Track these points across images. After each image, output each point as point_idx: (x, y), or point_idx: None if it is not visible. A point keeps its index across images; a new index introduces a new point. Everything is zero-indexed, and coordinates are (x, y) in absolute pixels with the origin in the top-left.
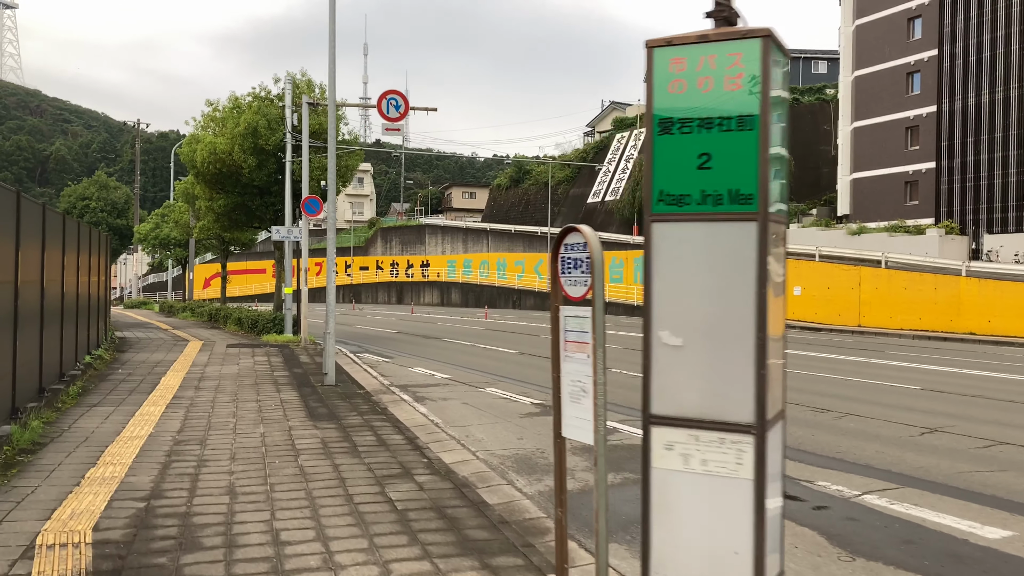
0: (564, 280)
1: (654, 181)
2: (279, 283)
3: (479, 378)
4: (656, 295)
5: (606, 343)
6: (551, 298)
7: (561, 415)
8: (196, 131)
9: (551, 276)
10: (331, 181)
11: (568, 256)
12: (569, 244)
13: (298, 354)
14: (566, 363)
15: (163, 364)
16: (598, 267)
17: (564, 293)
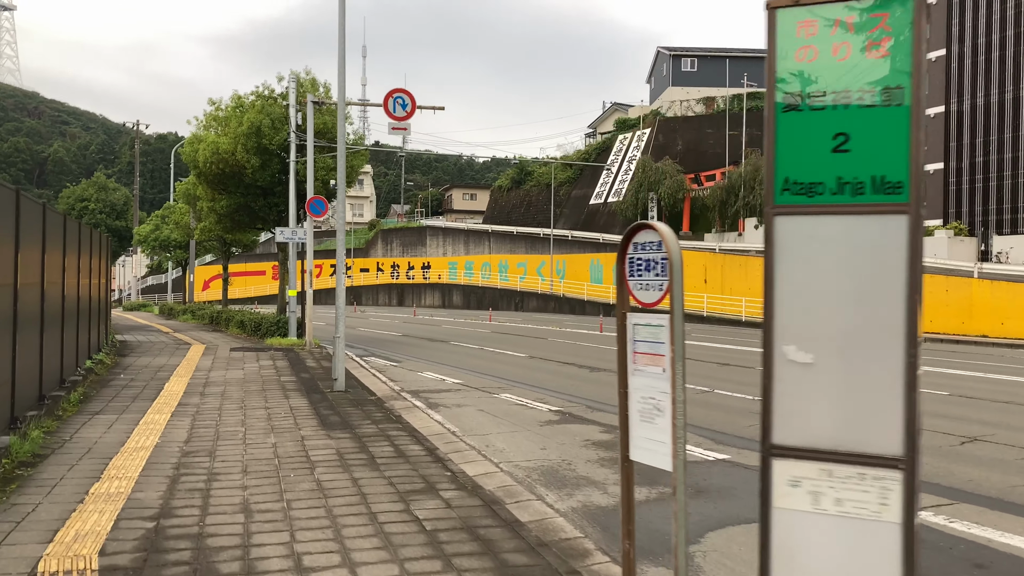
0: (633, 284)
1: (777, 167)
2: (283, 285)
3: (491, 383)
4: (779, 303)
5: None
6: (617, 304)
7: (628, 436)
8: (198, 131)
9: (617, 279)
10: (340, 180)
11: (639, 257)
12: (640, 243)
13: (304, 358)
14: (635, 377)
15: (166, 369)
16: (677, 268)
17: (633, 298)
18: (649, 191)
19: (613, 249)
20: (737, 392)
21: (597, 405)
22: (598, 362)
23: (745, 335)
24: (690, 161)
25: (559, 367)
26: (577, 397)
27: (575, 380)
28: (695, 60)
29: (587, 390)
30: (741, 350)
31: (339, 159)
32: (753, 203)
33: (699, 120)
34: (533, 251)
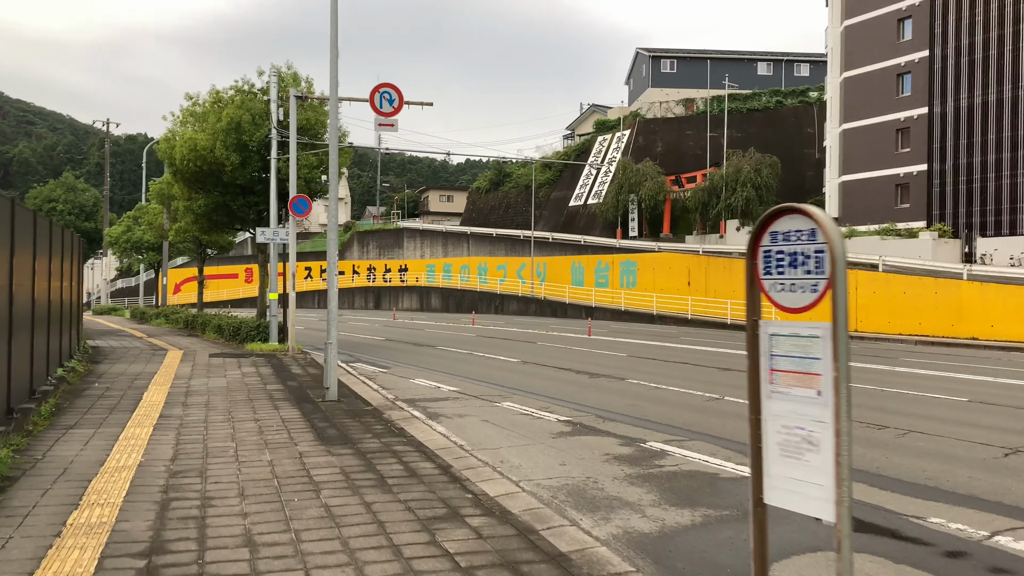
0: (771, 284)
1: None
2: (263, 288)
3: (489, 390)
4: None
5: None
6: (747, 310)
7: (763, 473)
8: (174, 127)
9: (747, 278)
10: (333, 176)
11: (780, 250)
12: (781, 233)
13: (288, 364)
14: (774, 401)
15: (143, 377)
16: (840, 264)
17: (771, 302)
18: (630, 193)
19: (595, 251)
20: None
21: (607, 414)
22: (595, 367)
23: (735, 338)
24: (670, 162)
25: (556, 373)
26: (583, 406)
27: (576, 387)
28: (674, 61)
29: (591, 398)
30: (738, 354)
31: (331, 153)
32: (735, 205)
33: (679, 121)
34: (513, 253)
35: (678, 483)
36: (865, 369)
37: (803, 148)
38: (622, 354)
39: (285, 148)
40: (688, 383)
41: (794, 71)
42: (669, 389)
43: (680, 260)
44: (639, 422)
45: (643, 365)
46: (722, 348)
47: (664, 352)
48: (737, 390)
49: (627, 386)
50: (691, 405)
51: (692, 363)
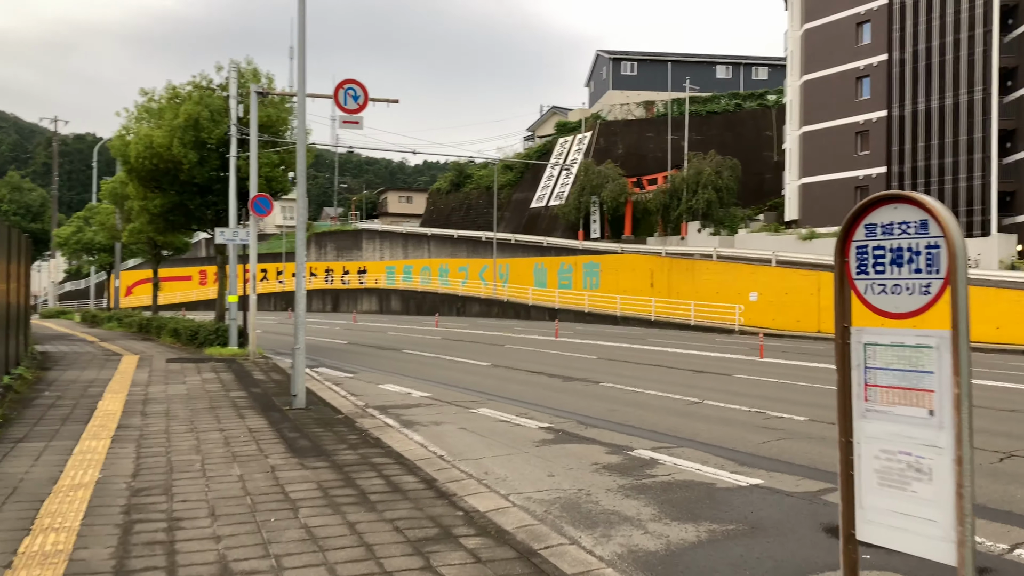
0: (867, 284)
1: None
2: (222, 290)
3: (462, 396)
4: None
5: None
6: (836, 315)
7: (855, 504)
8: (129, 123)
9: (836, 278)
10: (301, 174)
11: (880, 245)
12: (879, 225)
13: (250, 370)
14: (871, 421)
15: (97, 384)
16: (961, 259)
17: (867, 306)
18: (592, 194)
19: (557, 253)
20: (731, 403)
21: (588, 420)
22: (568, 370)
23: (701, 339)
24: (631, 164)
25: (529, 376)
26: (562, 411)
27: (552, 392)
28: (635, 63)
29: (569, 402)
30: (710, 356)
31: (299, 149)
32: (696, 207)
33: (639, 124)
34: (475, 255)
35: (675, 494)
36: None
37: (762, 151)
38: (592, 356)
39: (245, 146)
40: (665, 386)
41: (752, 74)
42: (647, 393)
43: (643, 262)
44: (622, 428)
45: (616, 368)
46: (691, 350)
47: (634, 354)
48: (717, 393)
49: (603, 390)
50: (672, 409)
51: (665, 365)
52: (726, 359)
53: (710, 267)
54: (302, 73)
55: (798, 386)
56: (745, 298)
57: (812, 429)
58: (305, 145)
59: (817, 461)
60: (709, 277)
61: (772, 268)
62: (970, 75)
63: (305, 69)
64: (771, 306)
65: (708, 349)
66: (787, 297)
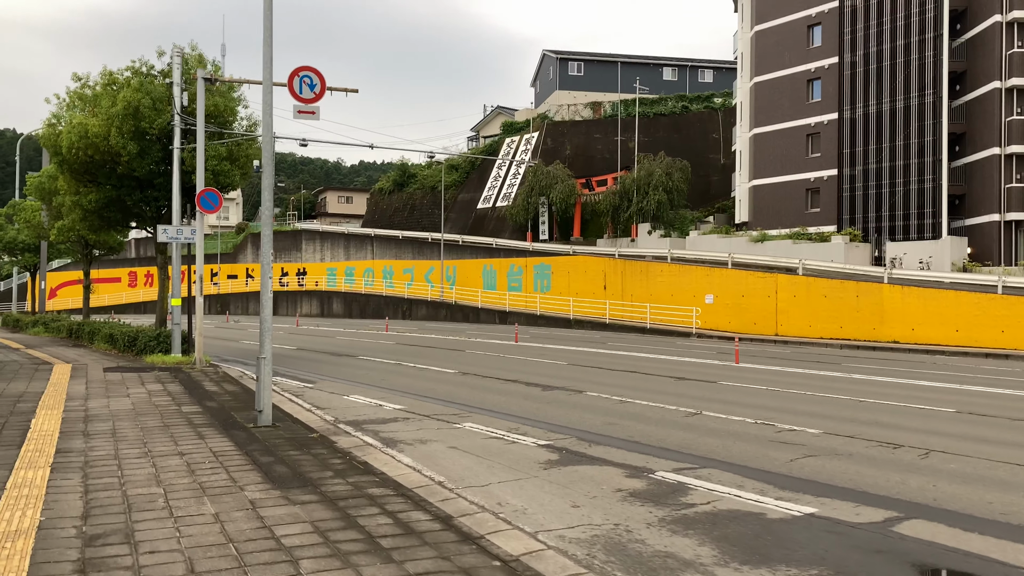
0: None
1: None
2: (162, 293)
3: (440, 408)
4: None
5: None
6: None
7: None
8: (60, 111)
9: None
10: (268, 164)
11: None
12: None
13: (199, 380)
14: None
15: (28, 398)
16: None
17: None
18: (540, 195)
19: (507, 254)
20: (732, 414)
21: (587, 436)
22: (542, 378)
23: (660, 343)
24: (579, 165)
25: (504, 385)
26: (555, 425)
27: (535, 402)
28: (582, 64)
29: (559, 415)
30: (683, 361)
31: (264, 138)
32: (647, 208)
33: (587, 124)
34: (420, 256)
35: (727, 529)
36: (812, 376)
37: (708, 153)
38: (561, 362)
39: (189, 137)
40: (653, 395)
41: (699, 77)
42: (637, 403)
43: (595, 264)
44: (628, 444)
45: (591, 375)
46: (659, 355)
47: (603, 359)
48: (711, 403)
49: (590, 400)
50: (673, 422)
51: (641, 372)
52: (702, 364)
53: (664, 269)
54: (268, 51)
55: (792, 394)
56: (701, 300)
57: (833, 444)
58: (272, 134)
59: (859, 482)
60: (663, 279)
61: (728, 270)
62: (920, 79)
63: (272, 47)
64: (727, 308)
65: (674, 353)
66: (744, 300)
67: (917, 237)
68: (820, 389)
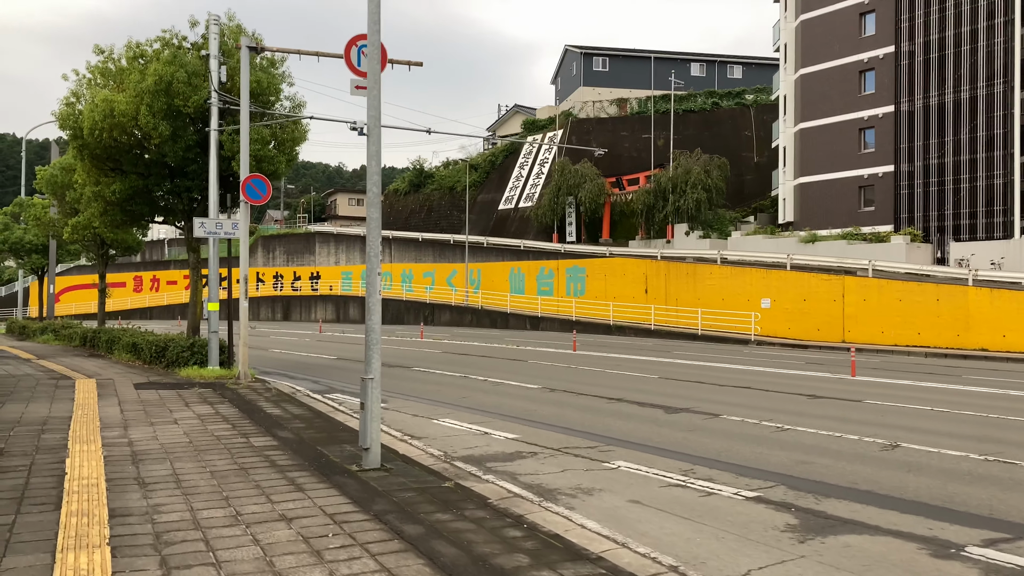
0: None
1: None
2: (195, 296)
3: (562, 438)
4: None
5: None
6: None
7: None
8: (79, 88)
9: None
10: (375, 136)
11: None
12: None
13: (252, 399)
14: None
15: (54, 426)
16: None
17: None
18: (568, 195)
19: (536, 256)
20: (941, 447)
21: (795, 482)
22: (650, 395)
23: (726, 352)
24: (605, 164)
25: (613, 406)
26: (735, 465)
27: (673, 430)
28: (607, 59)
29: (719, 448)
30: (790, 374)
31: (370, 111)
32: (684, 208)
33: (613, 122)
34: (442, 259)
35: None
36: (908, 387)
37: (740, 151)
38: (650, 375)
39: (227, 118)
40: (805, 419)
41: (727, 73)
42: (798, 430)
43: (635, 266)
44: (865, 496)
45: (700, 391)
46: (743, 365)
47: (692, 371)
48: (891, 430)
49: (735, 426)
50: (874, 457)
51: (755, 387)
52: (813, 378)
53: (714, 271)
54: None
55: (982, 418)
56: (756, 305)
57: None
58: (379, 104)
59: None
60: (713, 282)
61: (786, 273)
62: (989, 67)
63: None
64: (786, 313)
65: (758, 363)
66: (805, 304)
67: (985, 237)
68: (987, 409)
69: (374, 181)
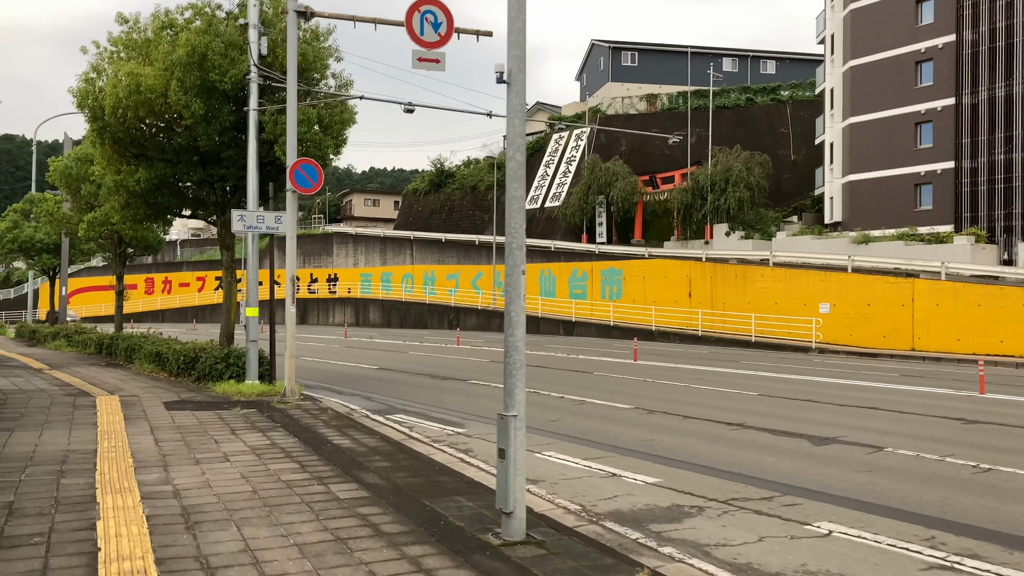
0: None
1: None
2: (228, 299)
3: (721, 484)
4: None
5: None
6: None
7: None
8: (100, 62)
9: None
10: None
11: None
12: None
13: (309, 424)
14: None
15: (76, 466)
16: None
17: None
18: (599, 194)
19: (568, 258)
20: None
21: None
22: (770, 419)
23: (790, 361)
24: (635, 162)
25: (739, 433)
26: (983, 530)
27: (840, 468)
28: (636, 54)
29: (943, 501)
30: (906, 390)
31: (512, 38)
32: (724, 207)
33: (643, 118)
34: (466, 261)
35: None
36: None
37: (777, 148)
38: (749, 392)
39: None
40: (1008, 457)
41: (760, 68)
42: (1009, 472)
43: (677, 268)
44: None
45: (828, 414)
46: (843, 379)
47: (798, 388)
48: None
49: (921, 464)
50: None
51: (887, 408)
52: (939, 395)
53: (766, 274)
54: None
55: None
56: (813, 310)
57: None
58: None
59: None
60: (764, 286)
61: (847, 275)
62: None
63: None
64: (848, 319)
65: (841, 375)
66: (870, 309)
67: None
68: None
69: (517, 145)
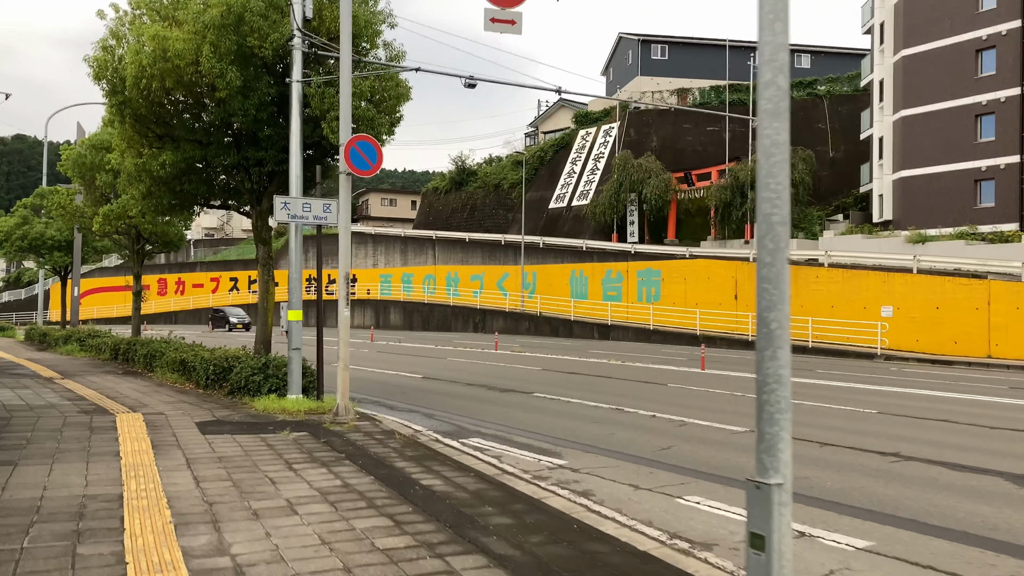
0: None
1: None
2: (264, 300)
3: (946, 548)
4: None
5: None
6: None
7: None
8: (119, 27)
9: None
10: None
11: None
12: None
13: (374, 451)
14: None
15: (95, 521)
16: None
17: None
18: (631, 191)
19: (602, 258)
20: None
21: None
22: (928, 447)
23: (865, 370)
24: (667, 158)
25: (908, 469)
26: None
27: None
28: (666, 47)
29: None
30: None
31: None
32: None
33: (675, 114)
34: (491, 261)
35: None
36: None
37: (814, 145)
38: (866, 409)
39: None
40: None
41: (794, 62)
42: None
43: (722, 269)
44: None
45: (989, 440)
46: (943, 391)
47: (914, 406)
48: None
49: None
50: None
51: (998, 426)
52: None
53: (820, 275)
54: None
55: None
56: (873, 313)
57: None
58: None
59: None
60: (819, 288)
61: (912, 276)
62: None
63: None
64: (913, 323)
65: (935, 387)
66: (938, 313)
67: None
68: None
69: (778, 64)
